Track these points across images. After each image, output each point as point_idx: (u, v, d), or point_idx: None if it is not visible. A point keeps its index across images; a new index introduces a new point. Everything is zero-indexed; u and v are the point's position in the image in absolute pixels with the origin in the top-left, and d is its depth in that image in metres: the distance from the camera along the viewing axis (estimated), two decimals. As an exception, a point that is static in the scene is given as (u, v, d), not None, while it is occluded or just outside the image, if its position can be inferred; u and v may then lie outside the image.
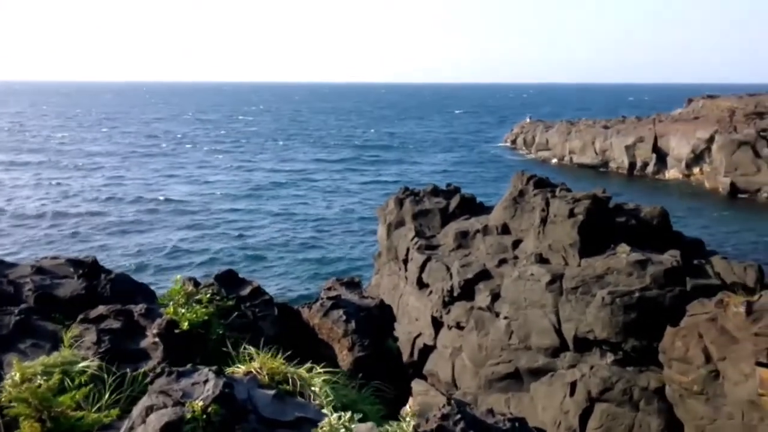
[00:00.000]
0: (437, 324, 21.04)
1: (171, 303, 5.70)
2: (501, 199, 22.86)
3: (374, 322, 7.53)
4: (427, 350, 21.33)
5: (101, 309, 5.32)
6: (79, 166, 74.46)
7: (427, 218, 23.21)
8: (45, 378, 4.22)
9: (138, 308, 5.59)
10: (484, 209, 24.13)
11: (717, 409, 13.43)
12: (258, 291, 6.31)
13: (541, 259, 18.97)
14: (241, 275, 6.61)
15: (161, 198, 54.12)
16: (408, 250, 22.29)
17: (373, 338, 7.23)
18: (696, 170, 59.17)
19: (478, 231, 21.77)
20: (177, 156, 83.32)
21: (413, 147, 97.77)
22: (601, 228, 18.24)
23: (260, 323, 5.95)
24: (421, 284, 21.55)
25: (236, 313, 5.80)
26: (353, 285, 8.53)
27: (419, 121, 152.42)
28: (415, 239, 22.18)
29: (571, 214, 18.44)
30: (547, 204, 19.92)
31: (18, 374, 4.22)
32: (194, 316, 5.32)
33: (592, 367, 16.75)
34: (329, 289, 8.33)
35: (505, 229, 21.40)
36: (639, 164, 64.79)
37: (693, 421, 13.98)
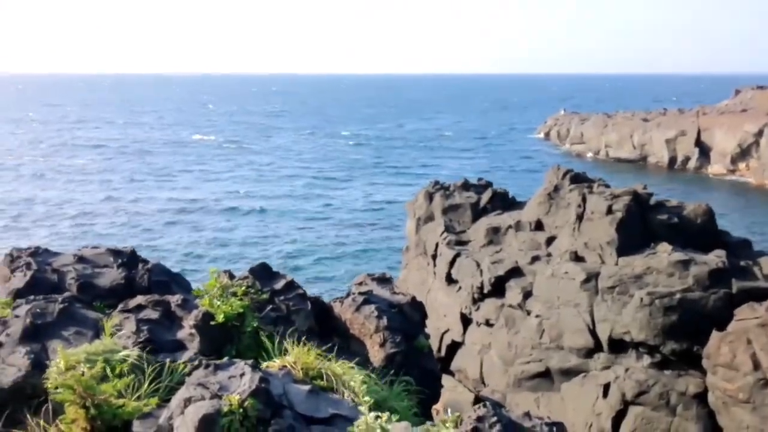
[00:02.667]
0: (466, 320, 20.88)
1: (206, 295, 5.78)
2: (534, 194, 22.48)
3: (406, 319, 7.49)
4: (455, 347, 21.20)
5: (140, 299, 5.44)
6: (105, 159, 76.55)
7: (458, 213, 22.99)
8: (88, 366, 4.33)
9: (175, 299, 5.68)
10: (517, 204, 23.75)
11: (764, 419, 12.95)
12: (292, 285, 6.34)
13: (576, 257, 18.58)
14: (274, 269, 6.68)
15: (193, 198, 54.23)
16: (437, 245, 22.13)
17: (404, 335, 7.20)
18: (742, 165, 56.92)
19: (510, 227, 21.46)
20: (201, 153, 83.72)
21: (441, 140, 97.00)
22: (640, 226, 17.74)
23: (294, 317, 5.98)
24: (450, 280, 21.39)
25: (270, 306, 5.84)
26: (384, 281, 8.50)
27: (445, 114, 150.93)
28: (445, 234, 22.01)
29: (609, 211, 17.99)
30: (584, 200, 19.48)
31: (63, 361, 4.34)
32: (229, 308, 5.38)
33: (627, 370, 16.37)
34: (360, 284, 8.31)
35: (538, 226, 21.03)
36: (680, 159, 62.69)
37: (737, 430, 13.53)
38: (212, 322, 5.25)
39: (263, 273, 6.43)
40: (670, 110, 76.75)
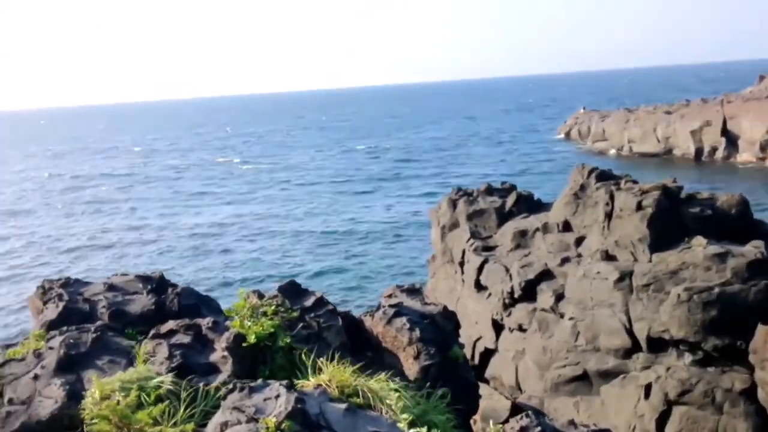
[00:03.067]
0: (498, 327, 20.57)
1: (237, 316, 5.74)
2: (560, 194, 22.14)
3: (439, 329, 7.34)
4: (488, 354, 20.89)
5: (171, 324, 5.42)
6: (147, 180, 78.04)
7: (483, 218, 22.75)
8: (123, 394, 4.31)
9: (205, 322, 5.65)
10: (543, 206, 23.42)
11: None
12: (321, 301, 6.27)
13: (608, 256, 18.18)
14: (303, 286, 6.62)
15: (218, 221, 54.46)
16: (464, 252, 21.91)
17: (438, 346, 7.05)
18: (772, 152, 55.43)
19: (537, 229, 21.15)
20: (224, 175, 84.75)
21: (460, 146, 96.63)
22: (672, 221, 17.28)
23: (325, 333, 5.90)
24: (479, 287, 21.13)
25: (301, 324, 5.77)
26: (414, 291, 8.37)
27: (459, 120, 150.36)
28: (471, 241, 21.78)
29: (639, 207, 17.58)
30: (611, 198, 19.10)
31: (98, 391, 4.32)
32: (260, 328, 5.33)
33: (668, 369, 15.88)
34: (390, 296, 8.20)
35: (566, 227, 20.68)
36: (707, 150, 61.28)
37: (788, 425, 12.97)
38: (244, 344, 5.20)
39: (292, 291, 6.37)
40: (693, 101, 75.36)
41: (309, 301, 6.23)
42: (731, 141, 59.42)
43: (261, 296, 6.14)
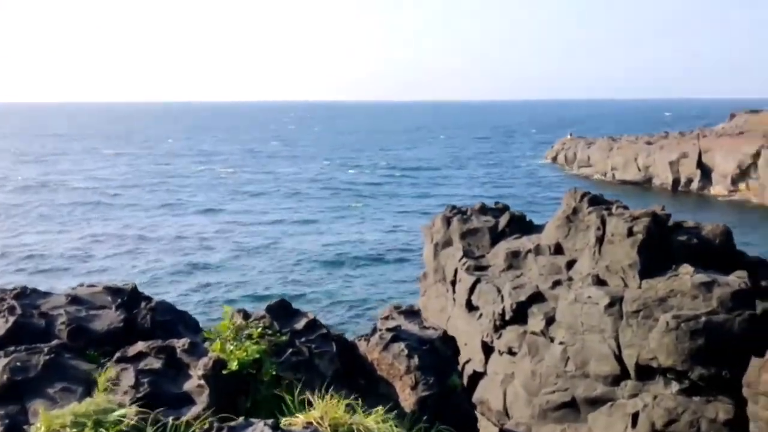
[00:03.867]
0: (488, 349, 20.00)
1: (218, 338, 5.04)
2: (551, 217, 21.83)
3: (438, 356, 6.73)
4: (476, 377, 20.29)
5: (140, 346, 4.71)
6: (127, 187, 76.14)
7: (476, 237, 22.27)
8: (75, 430, 3.60)
9: (181, 343, 4.96)
10: (535, 228, 23.09)
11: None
12: (314, 323, 5.60)
13: (598, 281, 17.79)
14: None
15: (200, 232, 52.65)
16: (456, 270, 21.38)
17: (438, 374, 6.43)
18: (742, 186, 57.47)
19: (530, 251, 20.72)
20: (202, 185, 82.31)
21: (445, 169, 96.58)
22: (661, 248, 17.01)
23: (317, 361, 5.23)
24: (471, 307, 20.58)
25: (290, 349, 5.09)
26: (412, 314, 7.78)
27: (438, 141, 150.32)
28: (464, 259, 21.26)
29: (630, 233, 17.25)
30: (603, 222, 18.80)
31: (44, 426, 3.60)
32: (244, 354, 4.65)
33: (655, 397, 15.48)
34: (386, 318, 7.59)
35: (558, 249, 20.30)
36: (683, 180, 63.16)
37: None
38: (224, 371, 4.52)
39: (282, 311, 5.69)
40: (671, 133, 77.59)
41: (300, 324, 5.56)
42: (706, 173, 61.19)
43: (247, 316, 5.45)
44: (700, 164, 61.58)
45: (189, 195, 73.56)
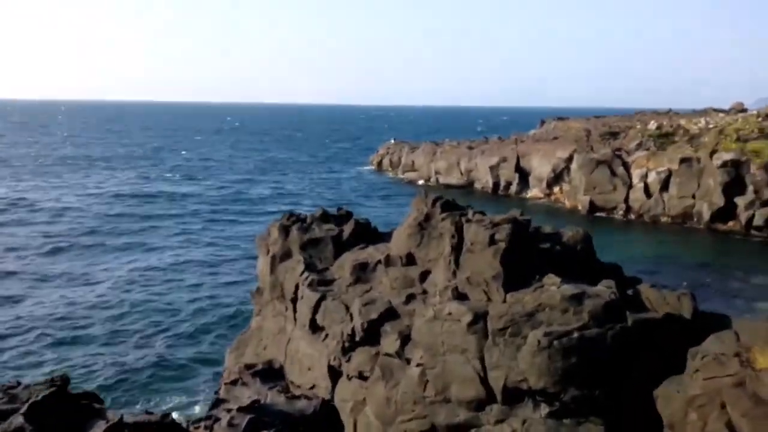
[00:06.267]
0: (335, 374, 17.45)
1: None
2: (401, 223, 20.04)
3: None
4: (322, 405, 17.56)
5: None
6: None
7: (318, 248, 19.54)
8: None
9: None
10: (381, 236, 21.15)
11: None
12: None
13: (459, 295, 16.34)
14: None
15: None
16: (297, 286, 18.43)
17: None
18: (556, 189, 62.03)
19: (379, 262, 18.68)
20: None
21: (264, 173, 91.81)
22: (524, 257, 16.10)
23: None
24: (315, 327, 17.84)
25: None
26: (271, 373, 5.18)
27: (268, 145, 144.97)
28: (306, 274, 18.43)
29: (492, 241, 16.08)
30: (458, 229, 17.47)
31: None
32: None
33: (524, 422, 14.34)
34: (233, 383, 4.82)
35: (410, 260, 18.55)
36: (503, 184, 66.83)
37: None
38: None
39: None
40: (491, 139, 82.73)
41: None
42: (524, 177, 65.56)
43: None
44: (519, 168, 65.36)
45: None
